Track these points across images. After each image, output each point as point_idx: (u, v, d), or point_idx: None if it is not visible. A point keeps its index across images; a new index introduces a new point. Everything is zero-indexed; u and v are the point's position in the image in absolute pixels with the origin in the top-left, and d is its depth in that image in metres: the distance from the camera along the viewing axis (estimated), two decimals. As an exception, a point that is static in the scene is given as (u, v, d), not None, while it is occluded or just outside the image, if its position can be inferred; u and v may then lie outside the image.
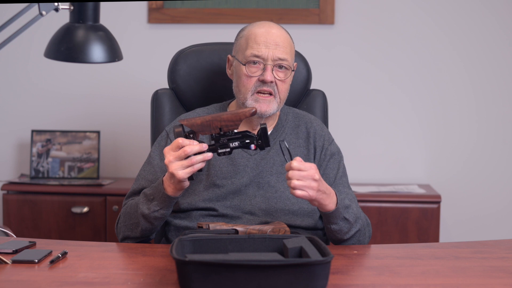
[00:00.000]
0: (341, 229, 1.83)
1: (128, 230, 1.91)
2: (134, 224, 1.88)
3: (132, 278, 1.48)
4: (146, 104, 2.36)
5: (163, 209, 1.82)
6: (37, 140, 3.20)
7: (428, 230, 2.92)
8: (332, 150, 2.03)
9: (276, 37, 1.92)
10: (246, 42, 1.94)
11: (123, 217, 1.94)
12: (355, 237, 1.87)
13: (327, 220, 1.83)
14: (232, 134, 1.75)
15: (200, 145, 1.71)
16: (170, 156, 1.72)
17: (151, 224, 1.86)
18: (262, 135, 1.75)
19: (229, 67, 2.03)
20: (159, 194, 1.81)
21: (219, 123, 1.73)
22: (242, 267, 1.33)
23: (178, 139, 1.72)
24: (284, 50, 1.92)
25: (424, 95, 3.24)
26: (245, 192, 1.93)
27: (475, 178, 3.25)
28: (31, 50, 3.26)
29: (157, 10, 3.27)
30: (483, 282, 1.48)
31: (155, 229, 1.89)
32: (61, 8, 1.83)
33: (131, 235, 1.91)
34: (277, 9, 3.23)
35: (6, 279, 1.45)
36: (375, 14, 3.23)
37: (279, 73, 1.92)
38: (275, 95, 1.93)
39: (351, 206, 1.84)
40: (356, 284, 1.51)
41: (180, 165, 1.71)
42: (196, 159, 1.71)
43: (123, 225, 1.93)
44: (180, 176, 1.71)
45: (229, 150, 1.75)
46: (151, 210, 1.83)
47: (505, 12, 3.19)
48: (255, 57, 1.91)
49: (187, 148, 1.70)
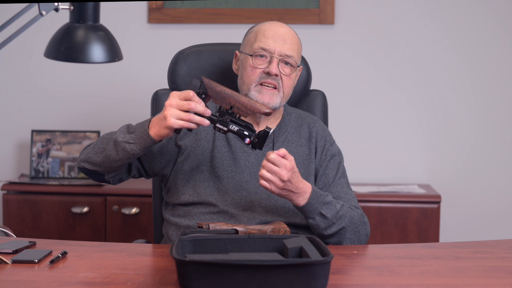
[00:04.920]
0: (318, 224, 1.83)
1: (92, 152, 1.90)
2: (101, 148, 1.87)
3: (132, 278, 1.48)
4: (146, 104, 2.36)
5: (136, 145, 1.80)
6: (37, 140, 3.20)
7: (428, 230, 2.92)
8: (332, 151, 2.04)
9: (284, 34, 1.96)
10: (255, 36, 1.97)
11: (96, 141, 1.93)
12: (340, 235, 1.87)
13: (303, 215, 1.85)
14: (237, 118, 1.75)
15: (205, 109, 1.72)
16: (174, 100, 1.72)
17: (116, 154, 1.83)
18: (262, 136, 1.75)
19: (235, 62, 2.06)
20: (141, 130, 1.80)
21: (233, 102, 1.74)
22: (242, 267, 1.33)
23: (189, 92, 1.72)
24: (292, 47, 1.95)
25: (424, 95, 3.24)
26: (246, 188, 1.94)
27: (475, 178, 3.25)
28: (31, 50, 3.26)
29: (157, 10, 3.27)
30: (483, 282, 1.48)
31: (116, 163, 1.86)
32: (61, 8, 1.84)
33: (92, 158, 1.89)
34: (277, 9, 3.23)
35: (6, 279, 1.45)
36: (375, 14, 3.23)
37: (284, 68, 1.95)
38: (279, 89, 1.94)
39: (332, 203, 1.84)
40: (356, 284, 1.51)
41: (176, 114, 1.71)
42: (193, 118, 1.71)
43: (91, 148, 1.92)
44: (171, 123, 1.71)
45: (225, 130, 1.75)
46: (125, 140, 1.81)
47: (505, 12, 3.19)
48: (262, 50, 1.94)
49: (192, 104, 1.71)
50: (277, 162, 1.72)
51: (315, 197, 1.81)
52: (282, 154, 1.73)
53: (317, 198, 1.82)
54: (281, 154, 1.73)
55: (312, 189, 1.81)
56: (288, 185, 1.75)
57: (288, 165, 1.73)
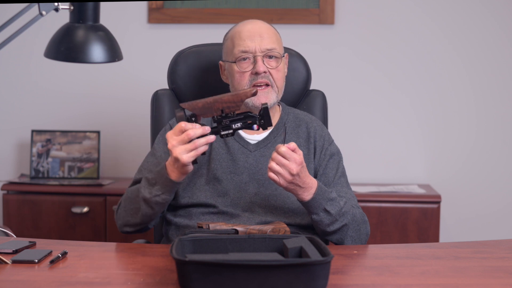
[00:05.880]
0: (321, 220, 1.83)
1: (128, 215, 1.91)
2: (134, 209, 1.88)
3: (132, 278, 1.48)
4: (146, 104, 2.36)
5: (165, 194, 1.82)
6: (37, 140, 3.20)
7: (428, 230, 2.92)
8: (332, 150, 2.04)
9: (258, 29, 1.95)
10: (232, 42, 1.97)
11: (124, 202, 1.94)
12: (342, 232, 1.87)
13: (307, 210, 1.84)
14: (234, 115, 1.75)
15: (203, 128, 1.71)
16: (173, 140, 1.72)
17: (151, 209, 1.85)
18: (264, 114, 1.75)
19: (222, 72, 2.06)
20: (162, 179, 1.80)
21: (221, 105, 1.73)
22: (242, 267, 1.33)
23: (180, 123, 1.72)
24: (270, 39, 1.95)
25: (424, 95, 3.24)
26: (245, 189, 1.93)
27: (475, 178, 3.25)
28: (31, 50, 3.26)
29: (157, 10, 3.27)
30: (483, 282, 1.48)
31: (155, 215, 1.88)
32: (61, 8, 1.83)
33: (131, 221, 1.90)
34: (277, 9, 3.23)
35: (6, 279, 1.45)
36: (375, 14, 3.23)
37: (270, 62, 1.95)
38: (272, 85, 1.95)
39: (336, 199, 1.84)
40: (356, 284, 1.51)
41: (183, 149, 1.71)
42: (199, 142, 1.71)
43: (123, 211, 1.93)
44: (184, 160, 1.71)
45: (232, 132, 1.75)
46: (152, 195, 1.82)
47: (505, 12, 3.19)
48: (243, 52, 1.94)
49: (190, 132, 1.70)
50: (287, 155, 1.72)
51: (320, 192, 1.81)
52: (292, 148, 1.73)
53: (322, 194, 1.82)
54: (291, 147, 1.73)
55: (318, 185, 1.82)
56: (296, 179, 1.74)
57: (298, 159, 1.73)
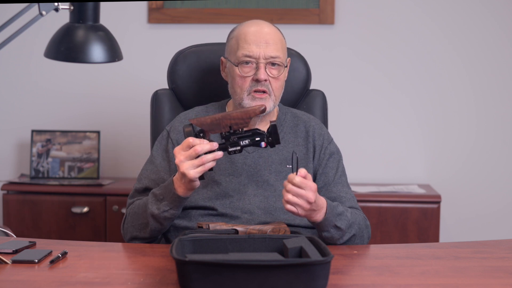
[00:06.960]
0: (332, 236, 1.82)
1: (136, 230, 1.90)
2: (142, 225, 1.88)
3: (132, 278, 1.48)
4: (146, 104, 2.36)
5: (173, 209, 1.82)
6: (37, 140, 3.20)
7: (428, 230, 2.92)
8: (331, 149, 2.03)
9: (266, 35, 1.92)
10: (236, 43, 1.94)
11: (131, 217, 1.93)
12: (350, 241, 1.87)
13: (317, 229, 1.82)
14: (242, 132, 1.74)
15: (211, 143, 1.71)
16: (181, 155, 1.71)
17: (160, 225, 1.85)
18: (272, 132, 1.75)
19: (223, 69, 2.04)
20: (169, 194, 1.80)
21: (229, 121, 1.73)
22: (242, 267, 1.33)
23: (188, 139, 1.71)
24: (275, 47, 1.92)
25: (424, 95, 3.24)
26: (244, 191, 1.93)
27: (475, 178, 3.25)
28: (31, 50, 3.26)
29: (157, 10, 3.27)
30: (483, 282, 1.48)
31: (164, 229, 1.88)
32: (61, 8, 1.84)
33: (139, 236, 1.90)
34: (277, 9, 3.23)
35: (6, 279, 1.45)
36: (375, 14, 3.23)
37: (272, 70, 1.93)
38: (270, 93, 1.93)
39: (344, 213, 1.82)
40: (356, 284, 1.51)
41: (191, 165, 1.70)
42: (206, 158, 1.70)
43: (130, 226, 1.92)
44: (192, 175, 1.71)
45: (240, 149, 1.74)
46: (160, 210, 1.82)
47: (505, 12, 3.19)
48: (246, 57, 1.91)
49: (198, 147, 1.70)
50: (302, 185, 1.68)
51: (330, 210, 1.79)
52: (303, 175, 1.69)
53: (331, 211, 1.79)
54: (302, 175, 1.69)
55: (327, 203, 1.79)
56: (313, 205, 1.72)
57: (313, 186, 1.69)
